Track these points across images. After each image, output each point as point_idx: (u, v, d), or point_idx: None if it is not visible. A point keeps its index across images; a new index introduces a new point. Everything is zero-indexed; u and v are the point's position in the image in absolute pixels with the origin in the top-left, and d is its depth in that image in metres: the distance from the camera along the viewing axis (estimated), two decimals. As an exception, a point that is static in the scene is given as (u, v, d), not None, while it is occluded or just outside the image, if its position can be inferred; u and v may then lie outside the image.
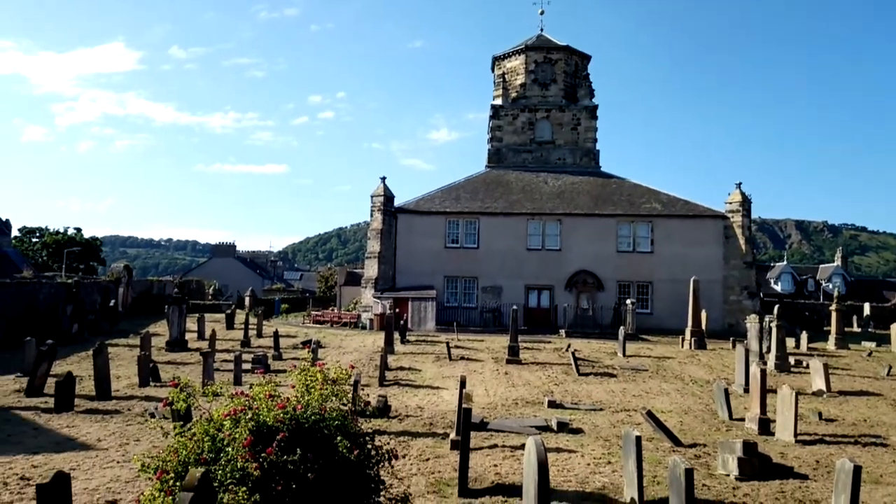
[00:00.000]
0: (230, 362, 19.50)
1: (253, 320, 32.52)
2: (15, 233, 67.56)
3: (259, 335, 30.67)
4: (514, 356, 23.34)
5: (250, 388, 6.74)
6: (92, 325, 29.57)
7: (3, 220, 63.71)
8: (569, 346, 26.62)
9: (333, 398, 6.55)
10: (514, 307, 26.27)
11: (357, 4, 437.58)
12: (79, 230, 72.20)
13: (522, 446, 11.19)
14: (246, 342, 27.45)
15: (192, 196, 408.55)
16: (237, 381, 17.38)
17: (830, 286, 60.87)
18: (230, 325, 33.69)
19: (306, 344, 25.82)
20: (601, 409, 15.81)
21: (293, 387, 6.74)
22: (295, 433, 6.01)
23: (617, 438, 12.28)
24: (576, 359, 22.08)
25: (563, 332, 33.44)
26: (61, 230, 70.84)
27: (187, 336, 27.15)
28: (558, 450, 11.65)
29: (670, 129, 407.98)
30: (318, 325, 38.38)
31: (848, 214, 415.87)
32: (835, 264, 72.72)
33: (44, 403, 14.81)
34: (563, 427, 13.35)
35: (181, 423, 6.72)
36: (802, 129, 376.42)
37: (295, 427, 6.06)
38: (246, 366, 19.74)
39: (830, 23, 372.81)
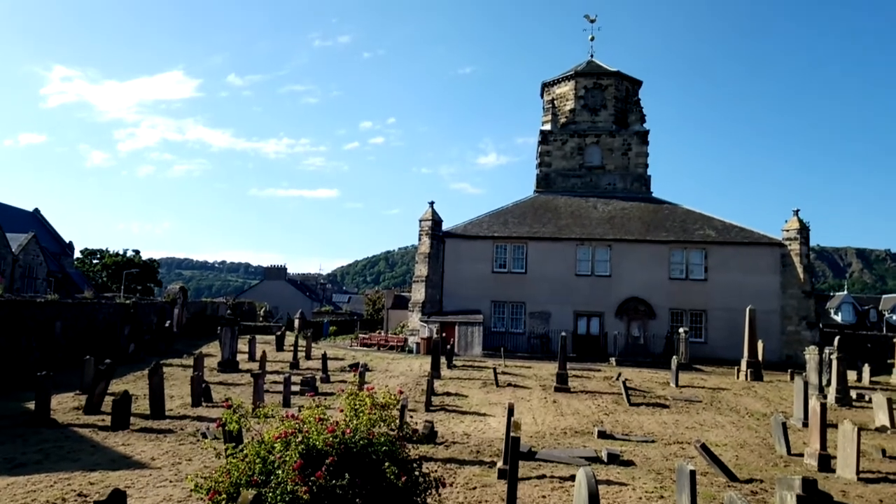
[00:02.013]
0: (279, 384, 19.73)
1: (302, 342, 32.88)
2: (77, 254, 70.31)
3: (308, 357, 30.95)
4: (562, 384, 22.97)
5: (299, 410, 6.81)
6: (148, 344, 30.42)
7: (67, 241, 66.45)
8: (619, 374, 26.07)
9: (381, 423, 6.57)
10: (563, 333, 25.92)
11: (408, 31, 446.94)
12: (137, 252, 74.76)
13: (571, 477, 10.96)
14: (295, 364, 27.73)
15: (245, 219, 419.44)
16: (286, 403, 17.56)
17: (894, 317, 58.23)
18: (280, 346, 34.15)
19: (354, 367, 25.97)
20: (653, 441, 15.37)
21: (341, 410, 6.78)
22: (344, 457, 6.03)
23: (670, 472, 11.91)
24: (626, 388, 21.59)
25: (613, 360, 32.80)
26: (121, 252, 73.44)
27: (238, 357, 27.62)
28: (609, 482, 11.36)
29: (724, 154, 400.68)
30: (365, 348, 38.58)
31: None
32: (899, 294, 69.61)
33: (101, 421, 15.24)
34: (614, 459, 13.02)
35: (233, 444, 6.82)
36: (862, 155, 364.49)
37: (344, 451, 6.08)
38: (295, 388, 19.90)
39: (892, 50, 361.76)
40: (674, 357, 26.89)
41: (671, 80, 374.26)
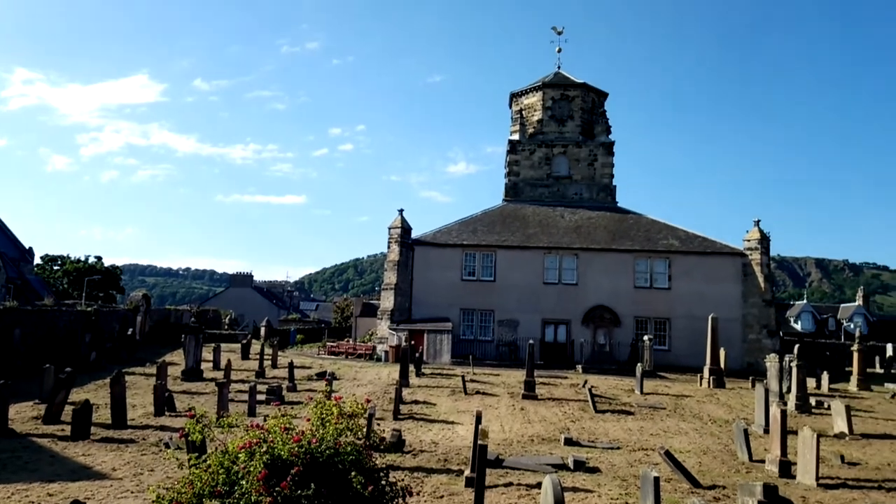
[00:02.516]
0: (245, 393, 19.50)
1: (268, 351, 32.52)
2: (37, 261, 68.46)
3: (274, 366, 30.64)
4: (530, 391, 23.13)
5: (265, 420, 6.76)
6: (110, 353, 29.78)
7: (27, 247, 64.70)
8: (585, 382, 26.32)
9: (348, 432, 6.55)
10: (531, 341, 26.11)
11: (377, 39, 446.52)
12: (99, 258, 73.01)
13: (538, 485, 11.04)
14: (261, 373, 27.42)
15: (211, 226, 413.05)
16: (251, 413, 17.36)
17: (852, 326, 59.87)
18: (245, 355, 33.72)
19: (321, 376, 25.80)
20: (618, 448, 15.57)
21: (308, 420, 6.75)
22: (309, 467, 5.99)
23: (634, 478, 12.07)
24: (592, 395, 21.82)
25: (579, 367, 33.10)
26: (82, 258, 71.70)
27: (203, 366, 27.21)
28: (575, 489, 11.48)
29: (688, 165, 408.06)
30: (332, 357, 38.31)
31: (869, 253, 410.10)
32: (856, 304, 71.58)
33: (61, 431, 14.88)
34: (580, 466, 13.16)
35: (196, 454, 6.74)
36: (823, 167, 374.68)
37: (310, 461, 6.04)
38: (260, 397, 19.71)
39: (854, 62, 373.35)
40: (638, 364, 27.27)
41: (637, 92, 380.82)
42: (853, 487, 12.50)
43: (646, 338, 34.62)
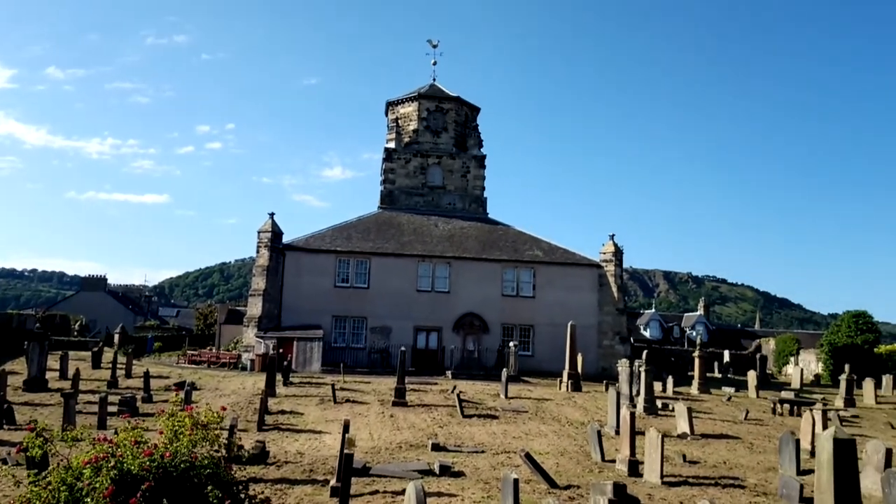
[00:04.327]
0: (94, 404, 18.18)
1: (122, 359, 30.60)
2: None
3: (128, 375, 28.85)
4: (400, 398, 23.26)
5: (115, 433, 6.39)
6: (-67, 362, 26.67)
7: None
8: (454, 387, 26.86)
9: (206, 444, 6.32)
10: (403, 348, 26.28)
11: (251, 36, 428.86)
12: (-75, 257, 65.26)
13: (404, 491, 11.15)
14: (113, 383, 25.80)
15: (62, 225, 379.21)
16: (101, 426, 16.21)
17: (694, 334, 65.20)
18: (97, 363, 31.46)
19: (179, 386, 24.59)
20: (483, 452, 16.03)
21: (161, 433, 6.45)
22: (162, 482, 5.74)
23: (497, 481, 12.48)
24: (460, 401, 22.32)
25: (449, 373, 33.71)
26: None
27: (48, 375, 25.10)
28: (439, 494, 11.70)
29: (553, 180, 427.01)
30: (194, 366, 36.57)
31: (710, 267, 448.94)
32: (698, 313, 77.62)
33: None
34: (446, 470, 13.43)
35: (36, 470, 6.25)
36: (670, 185, 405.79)
37: (162, 476, 5.78)
38: (112, 408, 18.53)
39: (682, 83, 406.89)
40: (504, 370, 28.20)
41: (507, 108, 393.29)
42: (693, 485, 13.54)
43: (511, 344, 35.91)
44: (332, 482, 11.56)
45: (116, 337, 44.94)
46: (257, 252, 38.84)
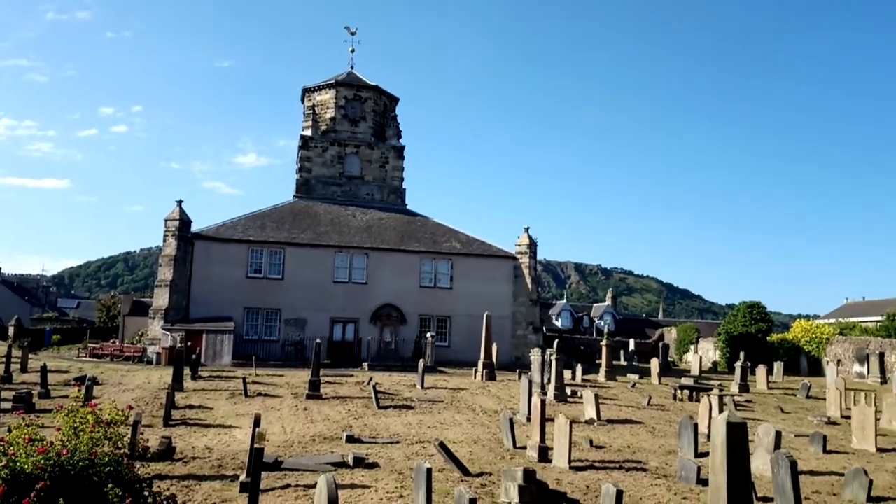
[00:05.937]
0: (-18, 403, 17.04)
1: (17, 353, 28.87)
2: None
3: (24, 370, 27.23)
4: (314, 391, 22.99)
5: (8, 431, 6.04)
6: None
7: None
8: (370, 379, 26.80)
9: (106, 441, 6.07)
10: (318, 340, 25.95)
11: (159, 15, 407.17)
12: None
13: (316, 484, 11.06)
14: (7, 378, 24.39)
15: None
16: (-10, 425, 15.21)
17: (602, 323, 67.81)
18: (-14, 359, 29.46)
19: (80, 381, 23.41)
20: (398, 443, 16.10)
21: (59, 430, 6.14)
22: (58, 481, 5.47)
23: (411, 471, 12.57)
24: (376, 392, 22.30)
25: (366, 365, 33.59)
26: None
27: (-73, 373, 23.29)
28: (353, 486, 11.68)
29: (470, 172, 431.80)
30: (95, 359, 34.84)
31: (618, 259, 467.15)
32: (606, 304, 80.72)
33: None
34: (360, 462, 13.40)
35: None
36: (580, 179, 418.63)
37: (59, 474, 5.52)
38: (6, 405, 17.61)
39: (594, 81, 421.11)
40: (420, 360, 28.40)
41: (427, 98, 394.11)
42: (599, 468, 14.09)
43: (429, 335, 36.14)
44: (242, 477, 11.33)
45: (11, 329, 42.29)
46: (164, 241, 37.34)
